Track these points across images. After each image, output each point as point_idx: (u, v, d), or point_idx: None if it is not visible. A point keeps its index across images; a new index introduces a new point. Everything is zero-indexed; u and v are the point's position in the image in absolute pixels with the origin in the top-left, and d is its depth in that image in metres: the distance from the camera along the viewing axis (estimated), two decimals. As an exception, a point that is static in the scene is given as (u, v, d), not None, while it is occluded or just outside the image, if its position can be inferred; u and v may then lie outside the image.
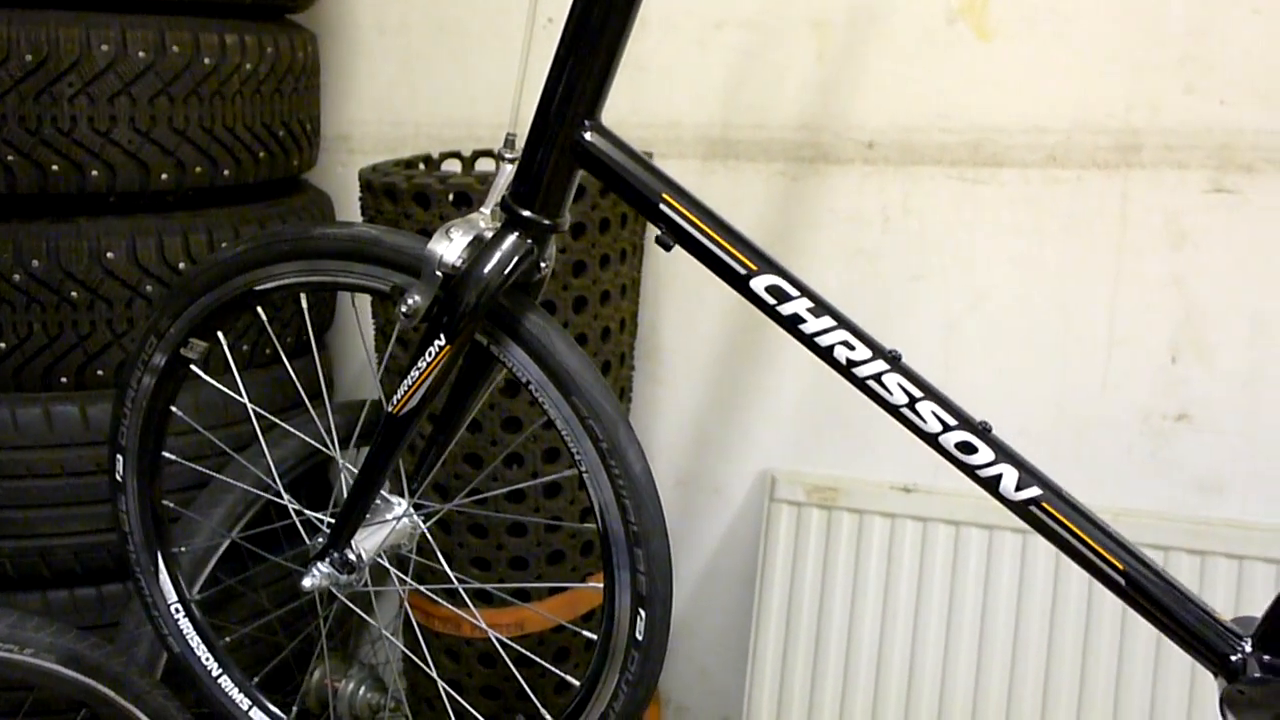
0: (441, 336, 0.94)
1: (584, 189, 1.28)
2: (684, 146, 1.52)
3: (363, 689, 1.52)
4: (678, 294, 1.56)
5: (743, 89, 1.48)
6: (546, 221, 0.94)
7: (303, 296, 1.08)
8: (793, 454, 1.54)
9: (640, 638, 0.98)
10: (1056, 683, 1.41)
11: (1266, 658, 0.87)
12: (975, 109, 1.40)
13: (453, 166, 1.51)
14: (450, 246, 0.94)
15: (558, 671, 1.08)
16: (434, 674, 1.17)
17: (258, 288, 1.05)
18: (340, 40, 1.64)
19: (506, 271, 0.93)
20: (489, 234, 0.95)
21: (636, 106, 1.53)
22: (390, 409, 0.98)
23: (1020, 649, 1.42)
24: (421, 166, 1.49)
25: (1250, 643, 0.87)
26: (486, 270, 0.93)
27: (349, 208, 1.61)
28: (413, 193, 1.31)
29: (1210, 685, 0.98)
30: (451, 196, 1.27)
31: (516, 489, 1.36)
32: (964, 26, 1.38)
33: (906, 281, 1.46)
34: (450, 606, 1.36)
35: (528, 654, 1.15)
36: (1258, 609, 1.31)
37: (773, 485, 1.51)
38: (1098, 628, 1.41)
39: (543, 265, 0.97)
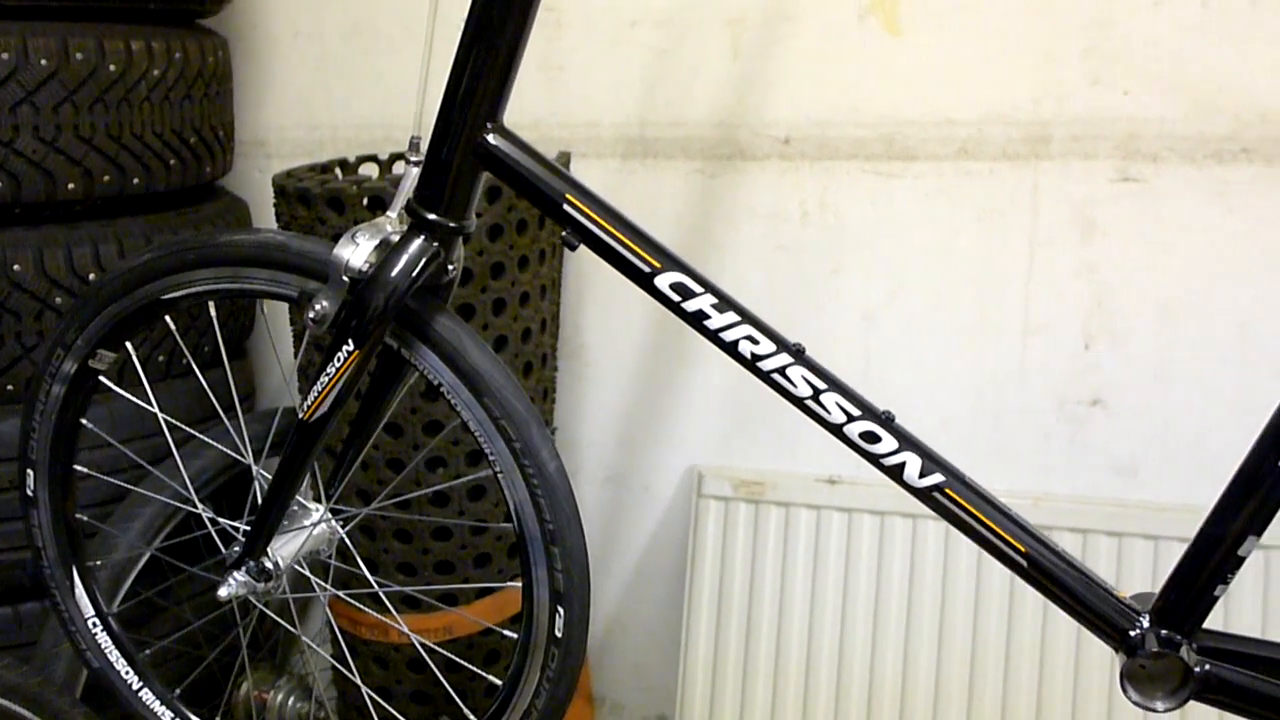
0: (350, 341, 0.93)
1: (500, 191, 1.28)
2: (603, 146, 1.52)
3: (292, 699, 1.51)
4: (601, 293, 1.56)
5: (659, 87, 1.49)
6: (452, 224, 0.94)
7: (211, 305, 1.07)
8: (719, 449, 1.55)
9: (559, 635, 0.98)
10: (981, 666, 1.44)
11: (1164, 632, 0.89)
12: (888, 104, 1.42)
13: (370, 170, 1.50)
14: (356, 251, 0.93)
15: (481, 673, 1.08)
16: (358, 680, 1.16)
17: (165, 297, 1.03)
18: (254, 45, 1.62)
19: (414, 274, 0.93)
20: (395, 237, 0.94)
21: (555, 107, 1.53)
22: (301, 415, 0.97)
23: (946, 635, 1.45)
24: (338, 171, 1.48)
25: (1148, 618, 0.90)
26: (393, 274, 0.92)
27: (267, 214, 1.60)
28: (326, 197, 1.30)
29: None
30: (366, 200, 1.26)
31: (439, 491, 1.35)
32: (874, 23, 1.40)
33: (826, 275, 1.47)
34: (374, 614, 1.35)
35: (454, 658, 1.14)
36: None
37: (700, 481, 1.52)
38: (1020, 611, 1.43)
39: (450, 267, 0.97)
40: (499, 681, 1.04)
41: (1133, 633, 0.90)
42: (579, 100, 1.52)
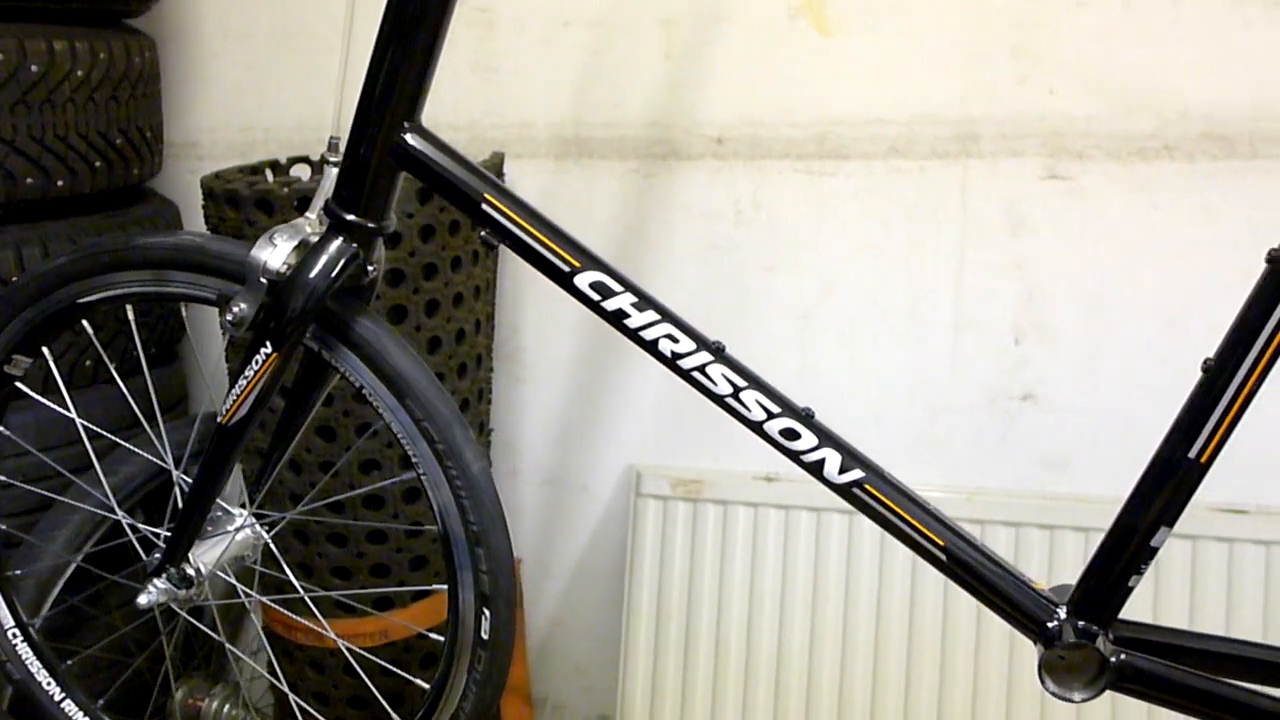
0: (268, 344, 0.93)
1: (432, 191, 1.28)
2: (538, 146, 1.52)
3: (227, 706, 1.49)
4: (538, 294, 1.56)
5: (593, 88, 1.49)
6: (371, 225, 0.93)
7: (129, 308, 1.06)
8: (658, 448, 1.56)
9: (486, 636, 0.98)
10: (918, 659, 1.45)
11: (1081, 623, 0.90)
12: (819, 103, 1.42)
13: (302, 171, 1.49)
14: (274, 252, 0.92)
15: (408, 676, 1.07)
16: (283, 685, 1.15)
17: (81, 300, 1.02)
18: (184, 46, 1.60)
19: (332, 276, 0.92)
20: (315, 239, 0.94)
21: (489, 108, 1.53)
22: (220, 419, 0.96)
23: (882, 628, 1.46)
24: (269, 172, 1.46)
25: (1066, 609, 0.91)
26: (311, 275, 0.92)
27: (198, 216, 1.58)
28: (255, 199, 1.29)
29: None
30: (295, 202, 1.25)
31: (374, 494, 1.34)
32: (805, 23, 1.40)
33: (761, 273, 1.48)
34: (302, 620, 1.34)
35: (382, 663, 1.14)
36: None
37: (638, 480, 1.52)
38: (955, 604, 1.44)
39: (371, 268, 0.96)
40: (426, 685, 1.03)
41: (1050, 624, 0.91)
42: (513, 101, 1.52)
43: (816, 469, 0.90)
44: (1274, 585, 1.35)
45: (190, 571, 1.01)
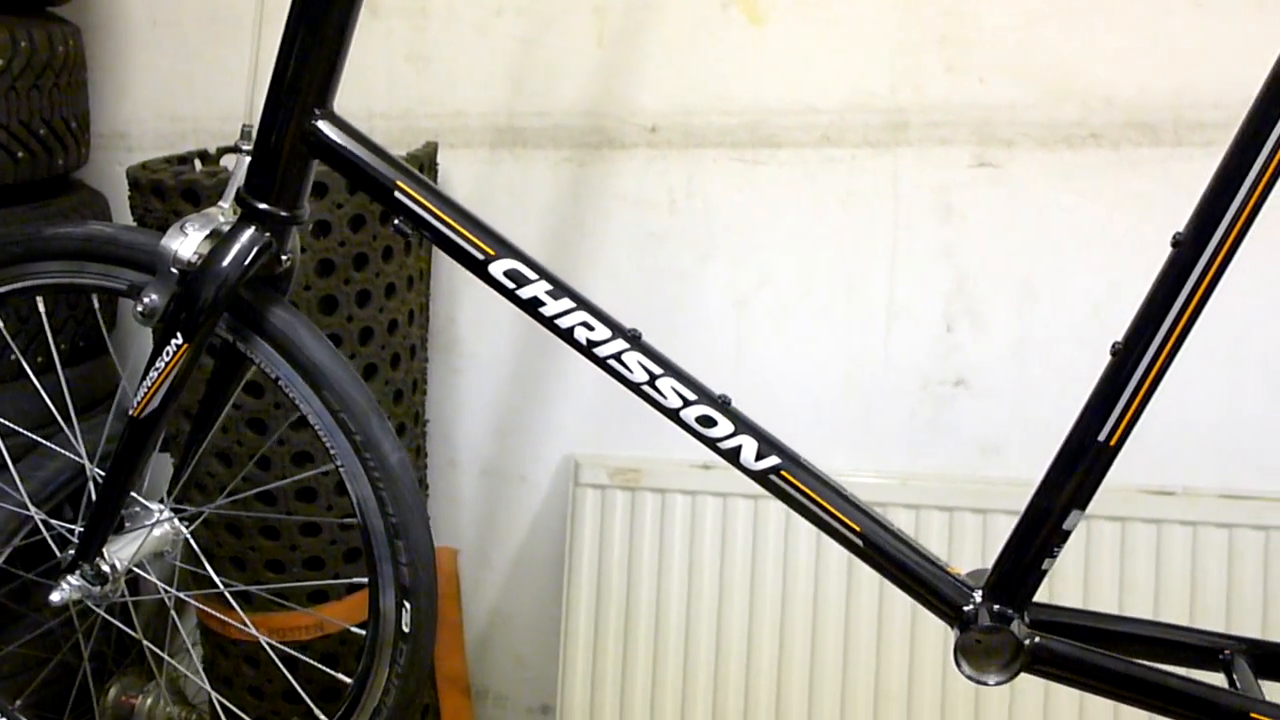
0: (179, 334, 0.92)
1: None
2: (471, 135, 1.51)
3: (162, 703, 1.47)
4: (475, 284, 1.53)
5: (526, 76, 1.48)
6: (284, 213, 0.92)
7: (39, 300, 1.04)
8: (595, 438, 1.55)
9: (407, 629, 0.97)
10: (854, 641, 1.46)
11: (996, 607, 0.91)
12: (752, 92, 1.42)
13: (231, 161, 1.46)
14: (185, 242, 0.91)
15: (330, 672, 1.07)
16: (204, 684, 1.14)
17: (-9, 292, 1.00)
18: (111, 35, 1.58)
19: (244, 265, 0.91)
20: (227, 228, 0.92)
21: (422, 97, 1.52)
22: (131, 411, 0.95)
23: (820, 613, 1.46)
24: (197, 162, 1.44)
25: (981, 594, 0.92)
26: (223, 265, 0.91)
27: (127, 207, 1.56)
28: (181, 189, 1.27)
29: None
30: (222, 192, 1.24)
31: (308, 487, 1.33)
32: (736, 11, 1.40)
33: (696, 262, 1.48)
34: (235, 614, 1.32)
35: (303, 658, 1.13)
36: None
37: (576, 470, 1.52)
38: (892, 589, 1.45)
39: (285, 258, 0.95)
40: (349, 680, 1.03)
41: (966, 608, 0.92)
42: (446, 91, 1.51)
43: (733, 456, 0.90)
44: (1200, 565, 1.37)
45: (105, 568, 1.00)
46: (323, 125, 0.90)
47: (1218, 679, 0.93)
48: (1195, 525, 1.37)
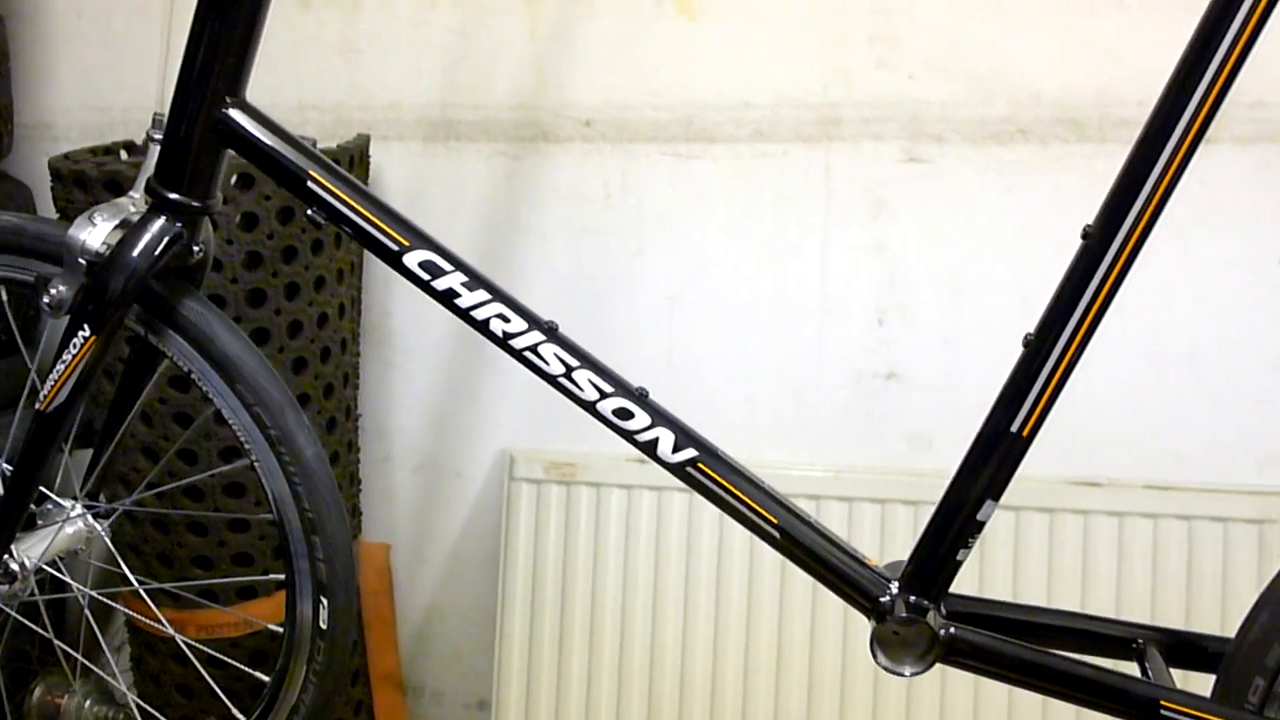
0: (87, 326, 0.90)
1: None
2: (404, 128, 1.50)
3: (89, 702, 1.45)
4: (408, 278, 1.54)
5: (460, 69, 1.47)
6: (195, 203, 0.91)
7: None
8: (531, 432, 1.55)
9: (324, 626, 0.96)
10: (789, 634, 1.46)
11: (913, 598, 0.92)
12: (685, 86, 1.42)
13: (159, 152, 1.44)
14: (93, 232, 0.90)
15: (246, 669, 1.05)
16: (121, 686, 1.12)
17: (-104, 284, 0.98)
18: (35, 25, 1.55)
19: (154, 255, 0.90)
20: (137, 218, 0.91)
21: (355, 90, 1.50)
22: (39, 405, 0.93)
23: (754, 606, 1.47)
24: (123, 153, 1.42)
25: (898, 585, 0.92)
26: (132, 255, 0.89)
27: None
28: (103, 180, 1.25)
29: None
30: (144, 183, 1.22)
31: (236, 482, 1.32)
32: (670, 6, 1.40)
33: (630, 257, 1.48)
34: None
35: (219, 655, 1.11)
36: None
37: (511, 464, 1.51)
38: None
39: (197, 249, 0.93)
40: (264, 677, 1.01)
41: (883, 599, 0.92)
42: (379, 83, 1.49)
43: (650, 448, 0.90)
44: (1126, 556, 1.39)
45: (14, 566, 0.98)
46: (234, 114, 0.89)
47: (1132, 668, 0.94)
48: (1121, 516, 1.39)
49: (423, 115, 1.49)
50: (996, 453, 0.89)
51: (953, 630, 0.91)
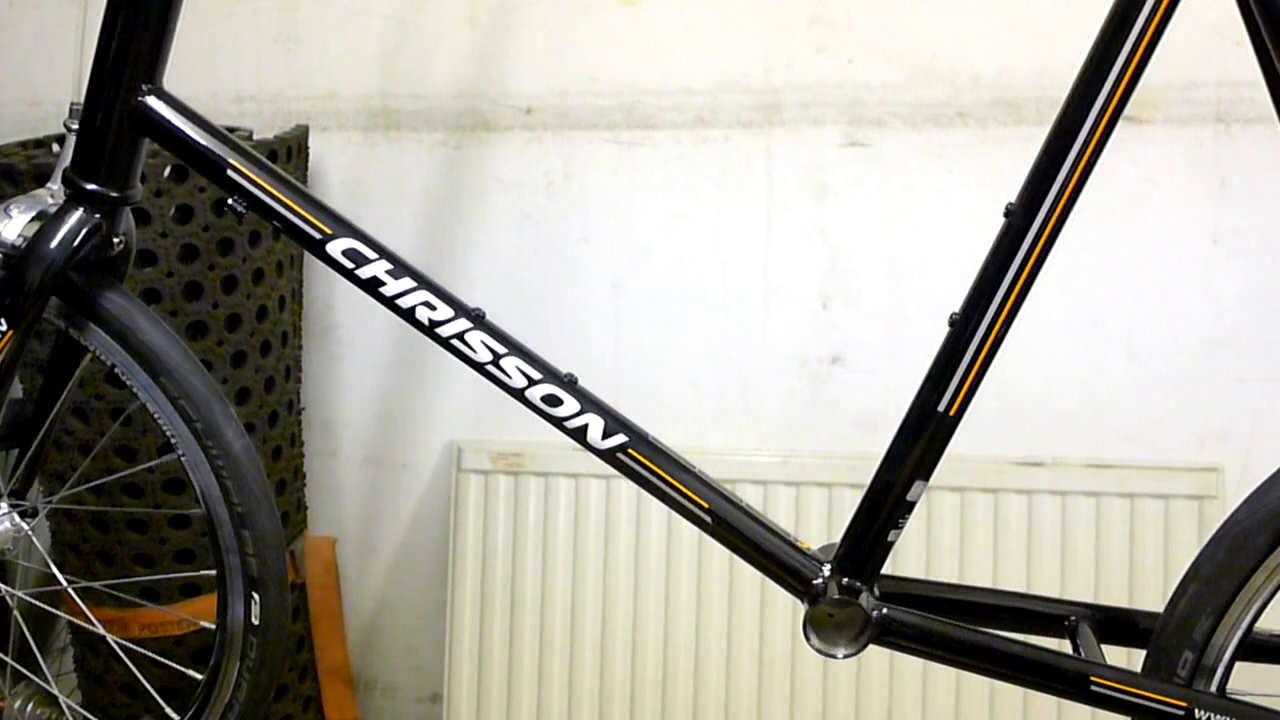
0: (3, 321, 0.88)
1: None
2: (344, 118, 1.48)
3: (31, 704, 1.43)
4: (351, 269, 1.52)
5: (400, 58, 1.46)
6: (114, 194, 0.90)
7: None
8: (477, 422, 1.54)
9: (256, 622, 0.95)
10: (738, 620, 1.46)
11: (845, 580, 0.92)
12: (626, 73, 1.42)
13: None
14: (9, 225, 0.88)
15: (180, 668, 1.04)
16: (53, 688, 1.11)
17: None
18: (-35, 15, 1.52)
19: (73, 247, 0.88)
20: (55, 210, 0.89)
21: (293, 79, 1.48)
22: (-44, 402, 0.91)
23: (703, 594, 1.47)
24: (55, 146, 1.40)
25: (830, 567, 0.92)
26: (49, 247, 0.88)
27: (-17, 194, 1.50)
28: (33, 173, 1.23)
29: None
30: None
31: (176, 478, 1.30)
32: (609, -9, 1.40)
33: (574, 244, 1.47)
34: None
35: (154, 655, 1.10)
36: (915, 533, 1.40)
37: (459, 456, 1.51)
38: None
39: (117, 240, 0.92)
40: (198, 675, 1.00)
41: (815, 582, 0.92)
42: (318, 72, 1.48)
43: (580, 434, 0.90)
44: (1070, 534, 1.40)
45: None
46: (151, 102, 0.87)
47: (1066, 645, 0.95)
48: (1064, 495, 1.40)
49: (363, 105, 1.48)
50: (925, 433, 0.89)
51: (885, 611, 0.92)
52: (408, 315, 0.89)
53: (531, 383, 0.89)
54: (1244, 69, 0.82)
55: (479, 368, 0.89)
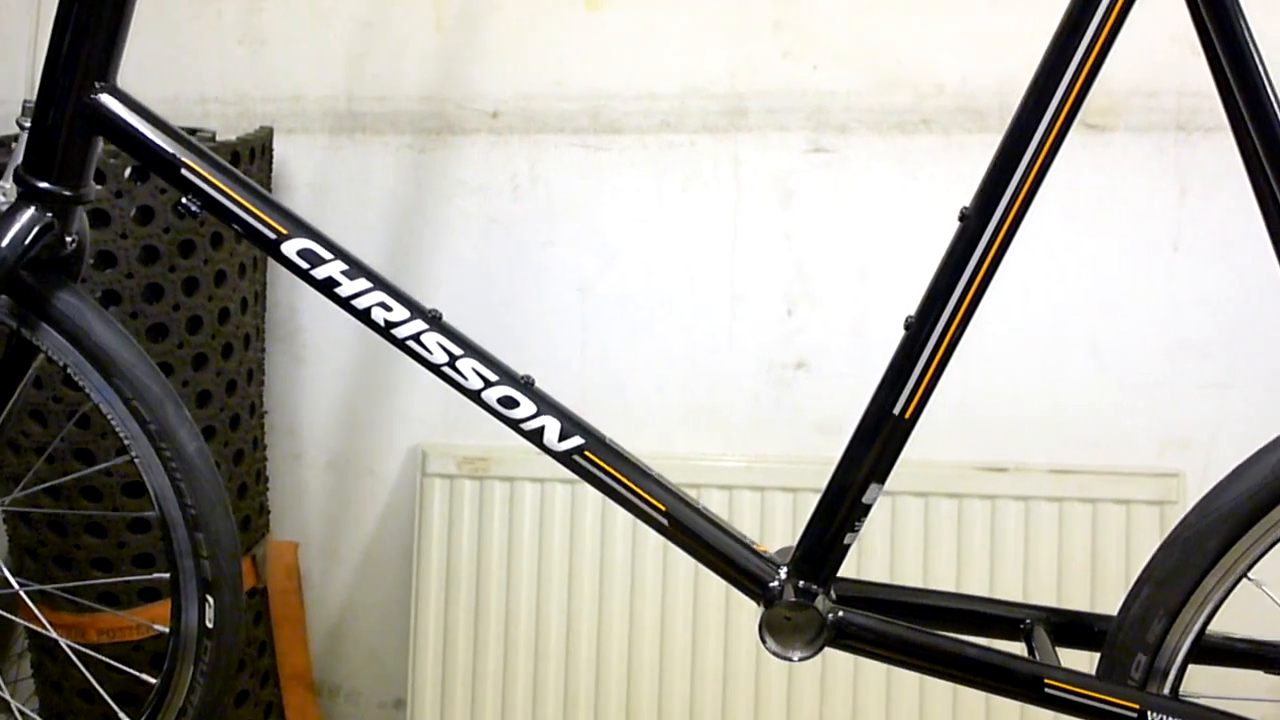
0: (-48, 320, 0.87)
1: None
2: (310, 121, 1.48)
3: (-14, 711, 1.41)
4: (316, 272, 1.52)
5: (365, 61, 1.45)
6: (67, 192, 0.89)
7: None
8: (443, 427, 1.53)
9: (210, 625, 0.94)
10: (703, 624, 1.46)
11: (801, 583, 0.92)
12: (592, 77, 1.42)
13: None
14: (-41, 223, 0.87)
15: (134, 672, 1.03)
16: (6, 695, 1.10)
17: None
18: (-75, 13, 1.51)
19: (23, 246, 0.87)
20: (5, 208, 0.88)
21: (258, 81, 1.48)
22: (-96, 402, 0.90)
23: (669, 601, 1.47)
24: (14, 146, 1.38)
25: (787, 570, 0.92)
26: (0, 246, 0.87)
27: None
28: (-11, 174, 1.22)
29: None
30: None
31: (135, 482, 1.29)
32: (575, -5, 1.40)
33: (540, 248, 1.47)
34: (69, 615, 1.28)
35: (105, 658, 1.09)
36: (879, 538, 1.41)
37: (424, 460, 1.50)
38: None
39: (70, 239, 0.91)
40: (151, 679, 0.99)
41: (772, 584, 0.92)
42: (283, 74, 1.47)
43: (536, 437, 0.89)
44: (1033, 539, 1.41)
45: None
46: (104, 99, 0.87)
47: (1021, 649, 0.95)
48: (1027, 500, 1.41)
49: (328, 107, 1.47)
50: (880, 435, 0.90)
51: (841, 614, 0.92)
52: (363, 316, 0.88)
53: (488, 384, 0.89)
54: (1205, 78, 0.83)
55: (435, 369, 0.89)
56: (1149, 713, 0.86)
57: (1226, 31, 0.80)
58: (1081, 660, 0.95)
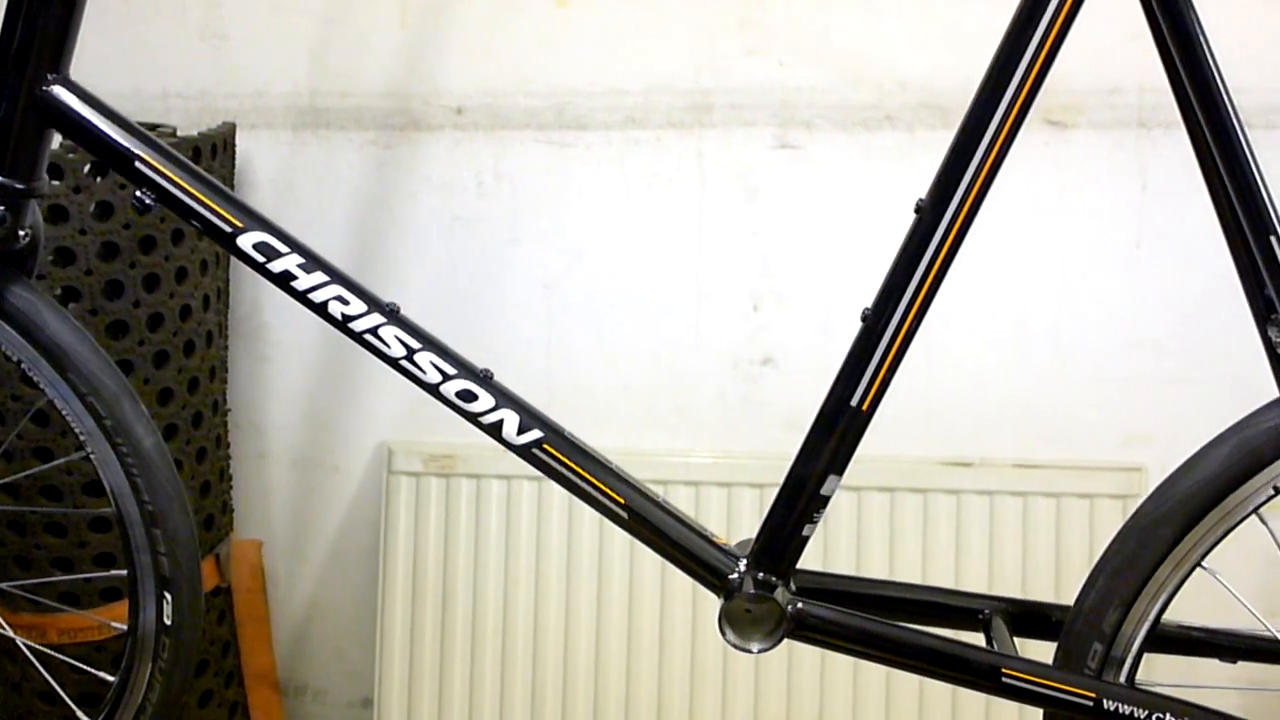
0: (-98, 315, 0.86)
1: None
2: (273, 116, 1.47)
3: (-55, 713, 1.40)
4: (281, 269, 1.51)
5: (329, 56, 1.45)
6: (19, 185, 0.88)
7: None
8: (409, 424, 1.53)
9: (169, 622, 0.94)
10: (670, 624, 1.46)
11: (761, 575, 0.92)
12: (557, 73, 1.42)
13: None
14: (-92, 217, 0.86)
15: (93, 671, 1.02)
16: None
17: None
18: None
19: (-25, 241, 0.86)
20: (-43, 203, 0.88)
21: (221, 77, 1.47)
22: None
23: (635, 594, 1.47)
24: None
25: (746, 562, 0.92)
26: (-50, 241, 0.86)
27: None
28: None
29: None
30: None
31: (96, 480, 1.28)
32: (540, -9, 1.40)
33: (505, 245, 1.47)
34: (29, 615, 1.26)
35: (73, 662, 1.08)
36: (845, 533, 1.41)
37: (390, 457, 1.49)
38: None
39: (23, 233, 0.90)
40: (109, 676, 0.98)
41: (731, 576, 0.92)
42: (246, 70, 1.46)
43: (495, 430, 0.89)
44: (997, 533, 1.42)
45: None
46: (57, 91, 0.86)
47: (979, 638, 0.96)
48: (992, 495, 1.42)
49: (291, 103, 1.46)
50: (838, 427, 0.90)
51: (800, 605, 0.92)
52: (320, 310, 0.88)
53: (446, 378, 0.89)
54: (1165, 75, 0.83)
55: (393, 363, 0.89)
56: (1105, 701, 0.87)
57: (1178, 27, 0.81)
58: (1044, 651, 0.96)
